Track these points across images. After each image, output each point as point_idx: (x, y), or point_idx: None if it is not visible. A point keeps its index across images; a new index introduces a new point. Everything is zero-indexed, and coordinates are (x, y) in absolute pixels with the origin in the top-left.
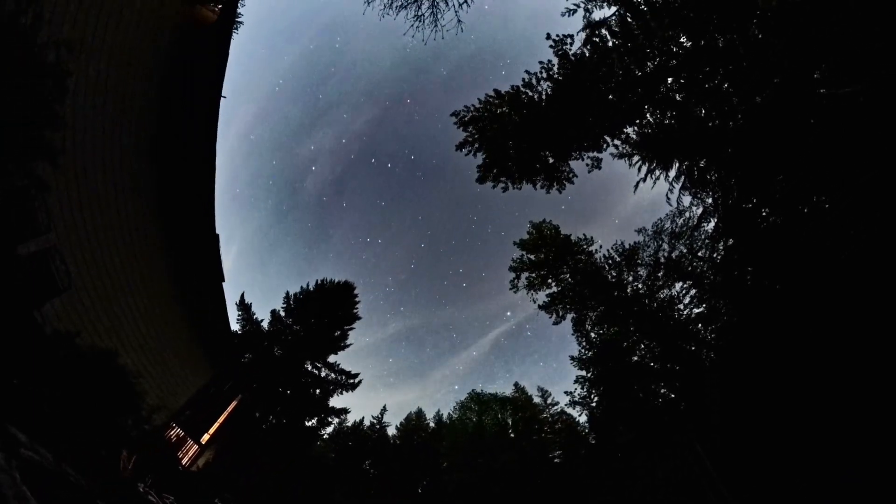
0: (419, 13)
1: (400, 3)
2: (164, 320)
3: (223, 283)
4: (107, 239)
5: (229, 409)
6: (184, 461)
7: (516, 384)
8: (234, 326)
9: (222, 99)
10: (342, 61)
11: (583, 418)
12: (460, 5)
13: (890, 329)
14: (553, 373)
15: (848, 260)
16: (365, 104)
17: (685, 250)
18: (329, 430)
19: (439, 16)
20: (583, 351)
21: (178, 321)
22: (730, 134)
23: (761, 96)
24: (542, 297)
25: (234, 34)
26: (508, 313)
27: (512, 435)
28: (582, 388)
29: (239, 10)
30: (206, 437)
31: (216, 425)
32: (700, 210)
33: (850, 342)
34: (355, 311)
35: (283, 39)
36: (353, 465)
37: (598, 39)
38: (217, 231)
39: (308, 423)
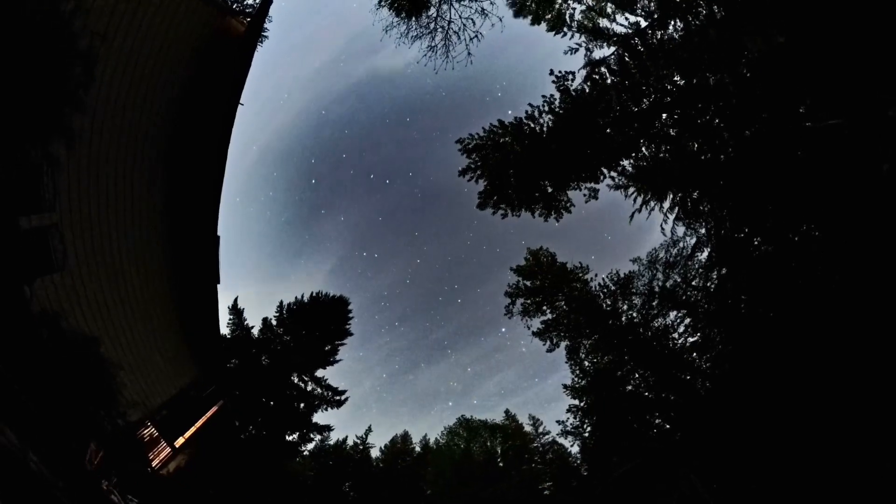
0: (433, 44)
1: (415, 33)
2: (153, 314)
3: (218, 286)
4: (109, 226)
5: (209, 414)
6: (154, 463)
7: (507, 411)
8: (224, 330)
9: (240, 106)
10: (346, 79)
11: (575, 448)
12: (471, 39)
13: (882, 351)
14: (548, 389)
15: (838, 284)
16: (366, 122)
17: (679, 280)
18: (310, 446)
19: (451, 48)
20: (576, 380)
21: (167, 317)
22: (721, 166)
23: (751, 130)
24: (536, 323)
25: (258, 46)
26: (503, 329)
27: (501, 464)
28: (574, 418)
29: (266, 25)
30: (180, 441)
31: (193, 429)
32: (693, 240)
33: (845, 365)
34: (348, 326)
35: (291, 54)
36: (332, 486)
37: (597, 77)
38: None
39: (289, 438)
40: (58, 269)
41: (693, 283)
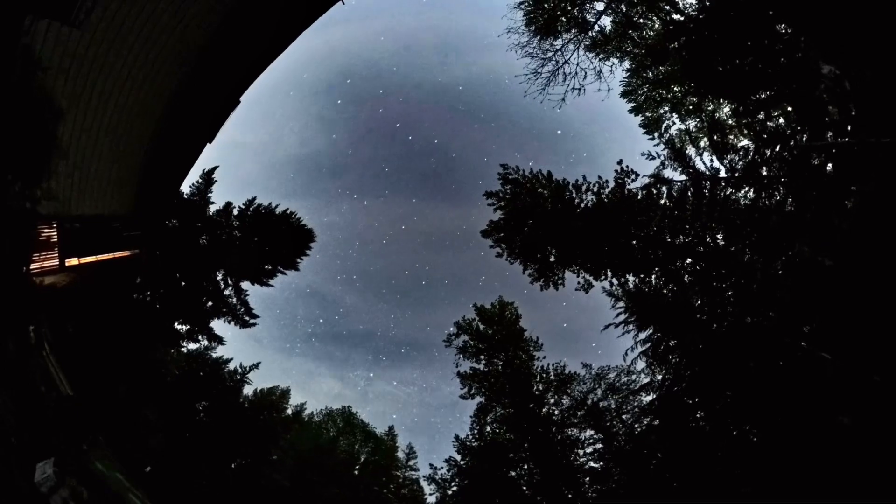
0: (538, 70)
1: (531, 51)
2: (129, 131)
3: (208, 144)
4: (147, 20)
5: (118, 254)
6: (33, 266)
7: (391, 428)
8: (185, 188)
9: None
10: (429, 23)
11: (432, 499)
12: (574, 89)
13: None
14: (469, 403)
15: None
16: (420, 71)
17: (613, 406)
18: (192, 346)
19: (553, 84)
20: (471, 438)
21: (140, 142)
22: (710, 333)
23: (752, 319)
24: (466, 366)
25: None
26: (452, 328)
27: (356, 473)
28: (448, 471)
29: None
30: (73, 262)
31: (93, 258)
32: (647, 380)
33: None
34: (299, 260)
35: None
36: (188, 396)
37: (655, 192)
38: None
39: (177, 327)
40: (72, 23)
41: (623, 416)
